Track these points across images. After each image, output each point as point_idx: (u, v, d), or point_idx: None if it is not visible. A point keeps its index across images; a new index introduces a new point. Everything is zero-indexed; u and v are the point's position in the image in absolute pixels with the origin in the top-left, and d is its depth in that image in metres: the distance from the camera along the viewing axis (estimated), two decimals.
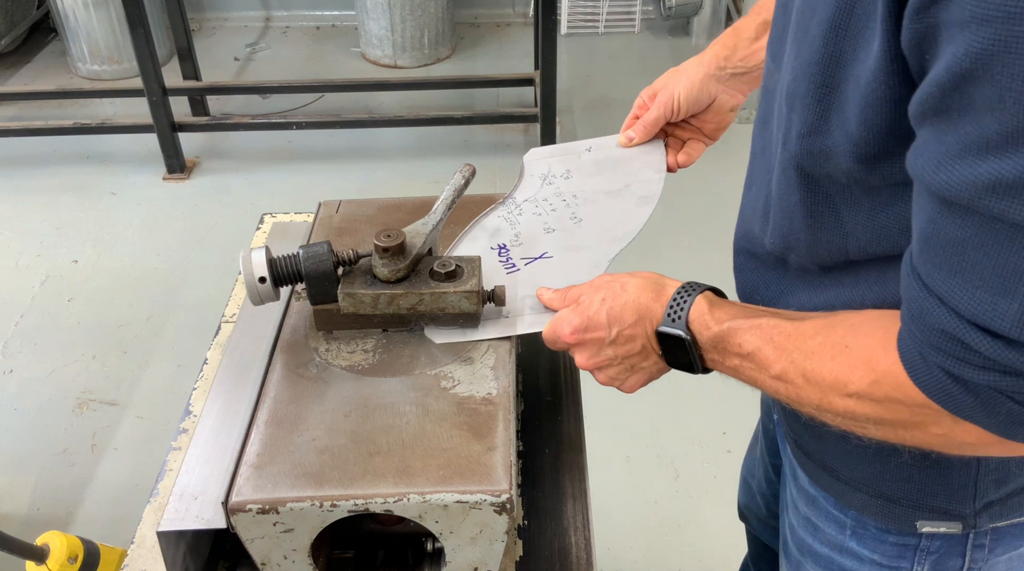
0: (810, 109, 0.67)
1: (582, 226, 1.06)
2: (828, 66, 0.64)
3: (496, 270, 1.02)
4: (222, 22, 4.75)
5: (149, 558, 0.92)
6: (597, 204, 1.08)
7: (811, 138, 0.68)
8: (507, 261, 1.03)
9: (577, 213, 1.07)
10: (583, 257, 1.02)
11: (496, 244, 1.05)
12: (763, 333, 0.75)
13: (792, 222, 0.78)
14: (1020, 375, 0.58)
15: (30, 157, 3.57)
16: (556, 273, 1.00)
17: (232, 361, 1.01)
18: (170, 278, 2.94)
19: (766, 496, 1.25)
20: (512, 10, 4.72)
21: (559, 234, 1.05)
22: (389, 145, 3.66)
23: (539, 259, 1.02)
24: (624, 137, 1.14)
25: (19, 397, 2.50)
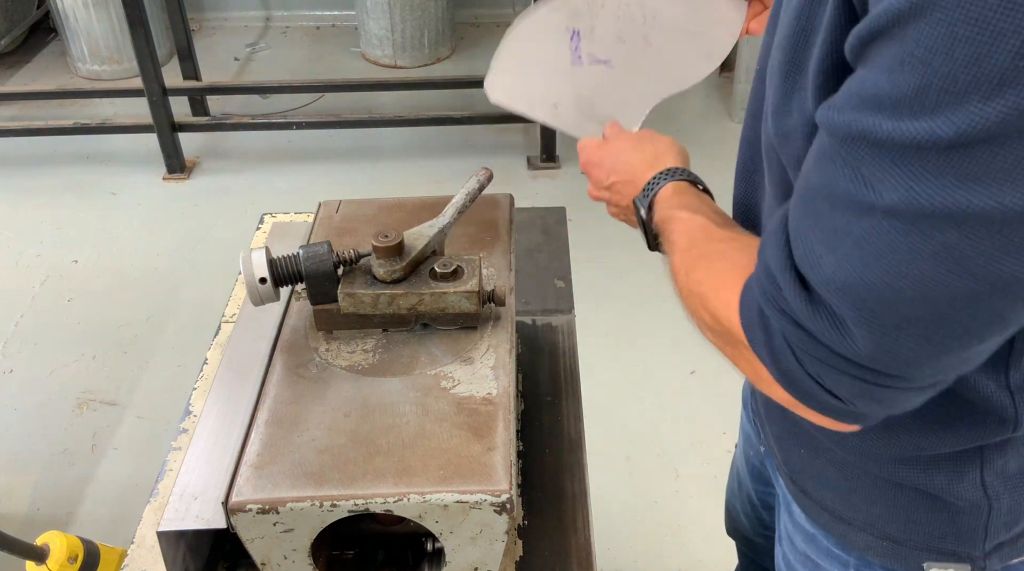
0: (778, 88, 0.65)
1: (649, 53, 1.06)
2: (798, 41, 0.62)
3: (561, 52, 1.04)
4: (222, 22, 4.75)
5: (149, 558, 0.92)
6: (670, 37, 1.06)
7: (778, 117, 0.67)
8: (575, 50, 1.04)
9: (650, 36, 1.06)
10: (639, 84, 1.06)
11: (572, 27, 1.05)
12: (689, 227, 0.80)
13: (755, 194, 0.83)
14: (807, 332, 0.59)
15: (30, 157, 3.57)
16: (608, 87, 1.05)
17: (232, 361, 1.01)
18: (170, 278, 2.94)
19: (750, 517, 1.24)
20: (512, 10, 4.72)
21: (628, 48, 1.05)
22: (389, 145, 3.66)
23: (601, 63, 1.05)
24: None
25: (19, 397, 2.50)
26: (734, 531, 1.33)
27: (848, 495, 0.84)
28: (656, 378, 2.46)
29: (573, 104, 1.05)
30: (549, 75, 1.05)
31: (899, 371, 0.58)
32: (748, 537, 1.28)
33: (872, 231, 0.53)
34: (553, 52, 1.04)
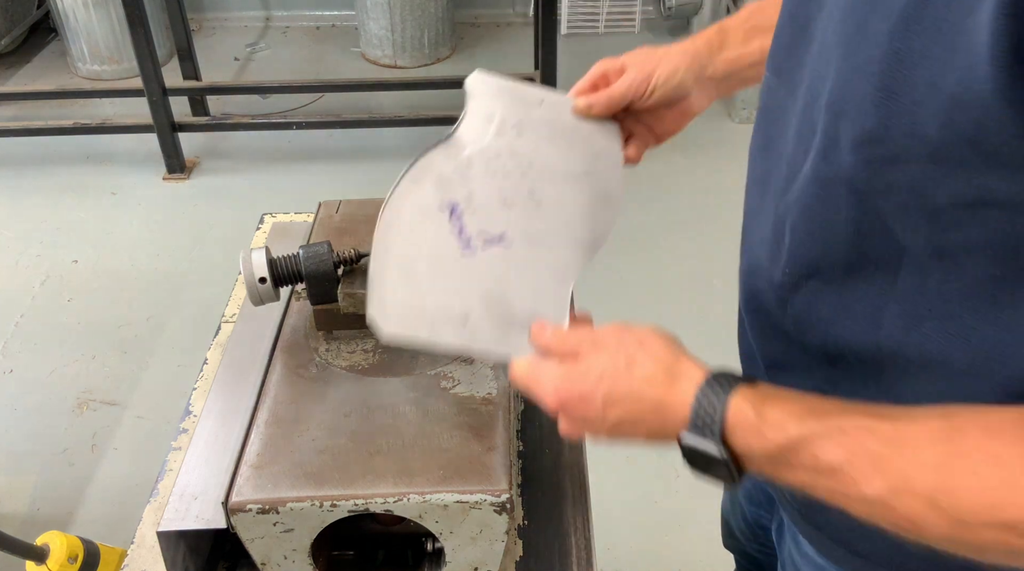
0: (868, 114, 0.58)
1: (542, 211, 0.88)
2: (892, 65, 0.55)
3: (447, 244, 0.84)
4: (222, 22, 4.75)
5: (149, 558, 0.92)
6: (556, 186, 0.90)
7: (871, 145, 0.59)
8: (461, 232, 0.84)
9: (535, 191, 0.89)
10: (548, 257, 0.86)
11: (447, 201, 0.85)
12: (850, 441, 0.58)
13: (828, 242, 0.67)
14: None
15: (30, 157, 3.57)
16: (518, 274, 0.83)
17: (232, 361, 1.01)
18: (170, 278, 2.94)
19: (745, 534, 1.20)
20: (512, 10, 4.72)
21: (518, 213, 0.87)
22: (389, 145, 3.65)
23: (499, 243, 0.84)
24: (583, 102, 0.94)
25: (19, 397, 2.50)
26: (731, 545, 1.31)
27: (865, 528, 0.77)
28: None
29: (484, 308, 0.82)
30: (442, 277, 0.83)
31: None
32: (746, 551, 1.26)
33: None
34: (437, 243, 0.83)
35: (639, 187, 3.30)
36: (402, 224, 0.84)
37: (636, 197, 3.24)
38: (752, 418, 0.62)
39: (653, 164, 3.43)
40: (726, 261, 3.12)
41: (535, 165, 0.91)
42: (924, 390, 0.67)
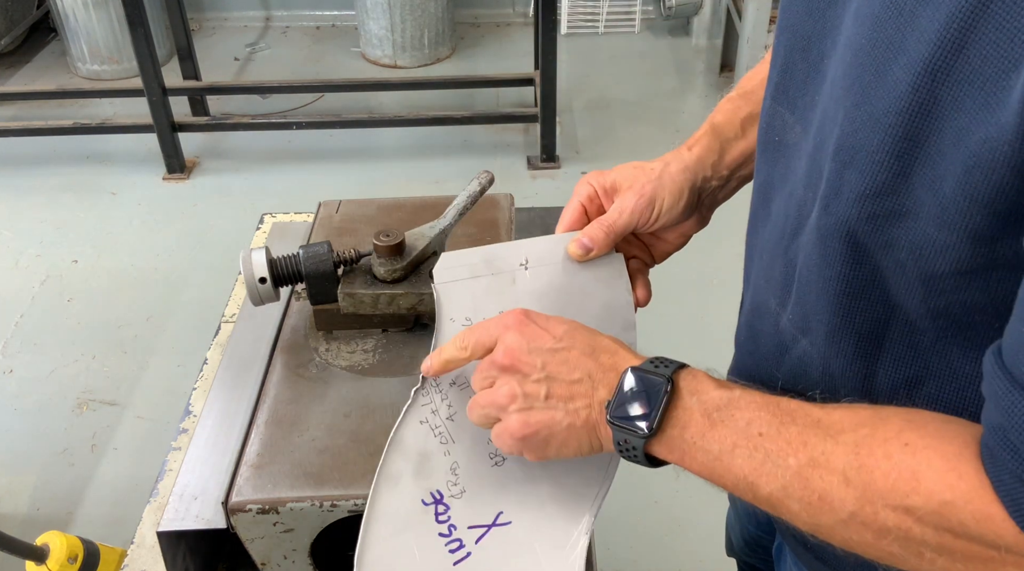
0: (881, 165, 0.55)
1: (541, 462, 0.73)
2: (916, 116, 0.52)
3: (437, 555, 0.71)
4: (222, 22, 4.75)
5: (149, 558, 0.92)
6: None
7: (878, 199, 0.57)
8: (450, 534, 0.71)
9: None
10: (550, 522, 0.73)
11: (429, 493, 0.73)
12: (781, 413, 0.60)
13: (820, 299, 0.65)
14: None
15: (30, 157, 3.57)
16: (517, 558, 0.71)
17: (232, 361, 1.01)
18: (170, 278, 2.94)
19: (744, 551, 1.19)
20: (512, 10, 4.72)
21: (511, 468, 0.73)
22: (389, 145, 3.66)
23: (493, 527, 0.71)
24: (578, 246, 0.82)
25: (19, 397, 2.50)
26: (733, 555, 1.30)
27: (870, 565, 0.73)
28: None
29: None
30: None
31: None
32: (748, 562, 1.25)
33: None
34: (423, 558, 0.72)
35: None
36: (385, 554, 0.72)
37: None
38: (702, 377, 0.65)
39: None
40: (726, 262, 3.11)
41: None
42: None
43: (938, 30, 0.50)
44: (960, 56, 0.50)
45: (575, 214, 0.85)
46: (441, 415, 0.76)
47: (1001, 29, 0.48)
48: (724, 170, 0.87)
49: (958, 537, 0.53)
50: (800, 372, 0.72)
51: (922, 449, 0.54)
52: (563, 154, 3.46)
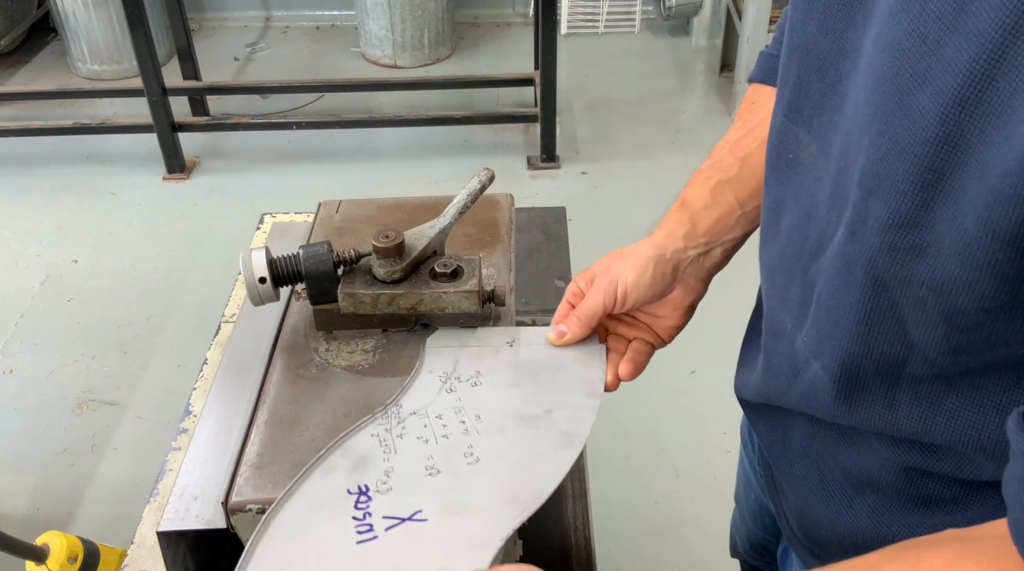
0: (906, 196, 0.54)
1: (477, 470, 0.79)
2: (943, 147, 0.51)
3: (342, 535, 0.74)
4: (222, 22, 4.75)
5: (149, 558, 0.92)
6: (504, 435, 0.82)
7: (902, 231, 0.56)
8: (363, 519, 0.75)
9: (475, 447, 0.81)
10: (468, 527, 0.74)
11: (356, 485, 0.78)
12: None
13: (837, 326, 0.65)
14: None
15: (30, 157, 3.57)
16: (425, 551, 0.73)
17: (232, 361, 1.01)
18: (170, 278, 2.94)
19: (749, 553, 1.19)
20: (512, 10, 4.72)
21: (444, 480, 0.78)
22: (389, 145, 3.66)
23: (407, 522, 0.75)
24: (554, 332, 0.91)
25: (19, 397, 2.50)
26: (737, 556, 1.30)
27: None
28: (656, 378, 2.46)
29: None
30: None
31: None
32: (752, 563, 1.24)
33: None
34: (328, 538, 0.74)
35: (639, 187, 3.30)
36: (290, 527, 0.75)
37: (636, 197, 3.24)
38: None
39: (653, 164, 3.44)
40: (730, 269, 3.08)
41: (483, 416, 0.84)
42: (956, 471, 0.64)
43: (967, 61, 0.49)
44: (990, 87, 0.49)
45: (562, 310, 0.92)
46: (393, 433, 0.82)
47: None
48: (700, 238, 0.89)
49: None
50: (811, 395, 0.71)
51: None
52: (563, 154, 3.46)
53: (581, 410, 0.86)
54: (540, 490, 0.77)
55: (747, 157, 0.88)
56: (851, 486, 0.75)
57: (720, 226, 0.89)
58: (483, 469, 0.79)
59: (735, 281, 0.88)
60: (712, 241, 0.89)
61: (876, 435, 0.69)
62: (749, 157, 0.88)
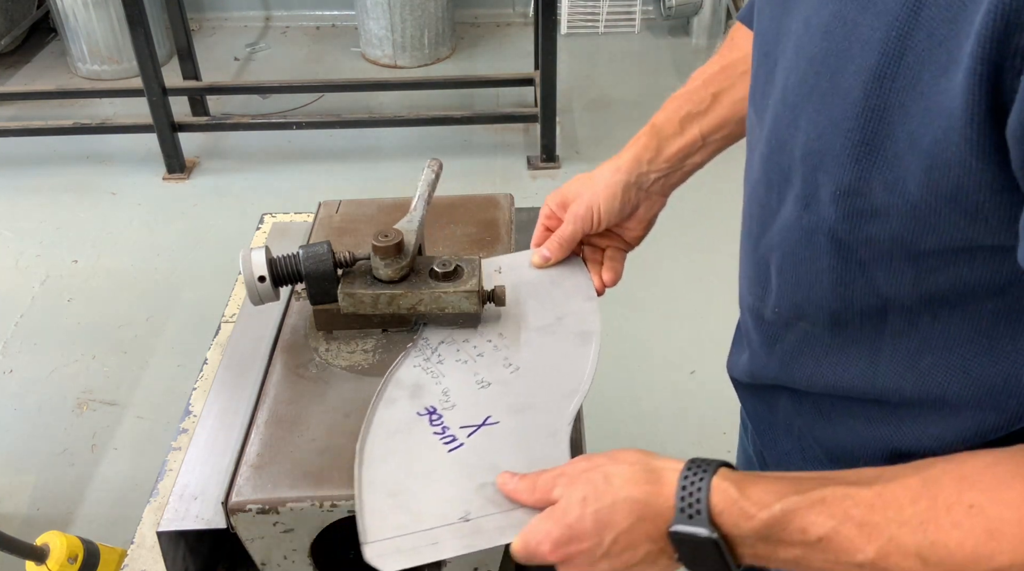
0: (846, 168, 0.58)
1: (521, 376, 0.88)
2: (870, 121, 0.55)
3: (433, 447, 0.81)
4: (222, 22, 4.75)
5: (149, 558, 0.92)
6: (531, 345, 0.92)
7: (850, 199, 0.59)
8: (444, 432, 0.82)
9: (511, 358, 0.90)
10: (536, 421, 0.83)
11: (423, 408, 0.86)
12: (833, 508, 0.59)
13: (814, 289, 0.68)
14: None
15: (30, 157, 3.57)
16: (511, 447, 0.81)
17: (232, 361, 1.01)
18: (170, 278, 2.94)
19: None
20: (512, 10, 4.72)
21: (497, 389, 0.87)
22: (389, 145, 3.66)
23: (484, 427, 0.83)
24: (538, 256, 1.00)
25: (19, 397, 2.50)
26: None
27: None
28: (656, 378, 2.46)
29: (483, 499, 0.76)
30: (436, 485, 0.78)
31: None
32: None
33: None
34: (422, 452, 0.80)
35: None
36: (382, 451, 0.81)
37: None
38: (736, 497, 0.62)
39: None
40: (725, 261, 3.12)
41: (506, 334, 0.93)
42: (928, 426, 0.66)
43: (880, 39, 0.53)
44: (901, 62, 0.52)
45: (538, 233, 1.02)
46: (432, 361, 0.91)
47: (932, 36, 0.50)
48: (663, 164, 0.96)
49: None
50: (792, 360, 0.75)
51: (987, 506, 0.54)
52: (563, 154, 3.46)
53: (585, 312, 0.96)
54: (582, 379, 0.88)
55: (719, 94, 0.94)
56: (829, 461, 0.77)
57: (683, 154, 0.95)
58: (525, 374, 0.88)
59: (735, 281, 0.89)
60: (674, 167, 0.96)
61: (850, 411, 0.72)
62: (720, 94, 0.94)
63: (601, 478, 0.69)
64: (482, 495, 0.76)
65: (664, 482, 0.67)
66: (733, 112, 0.93)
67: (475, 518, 0.74)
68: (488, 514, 0.74)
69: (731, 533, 0.63)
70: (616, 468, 0.69)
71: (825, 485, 0.60)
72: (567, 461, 0.76)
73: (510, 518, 0.74)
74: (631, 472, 0.68)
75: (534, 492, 0.72)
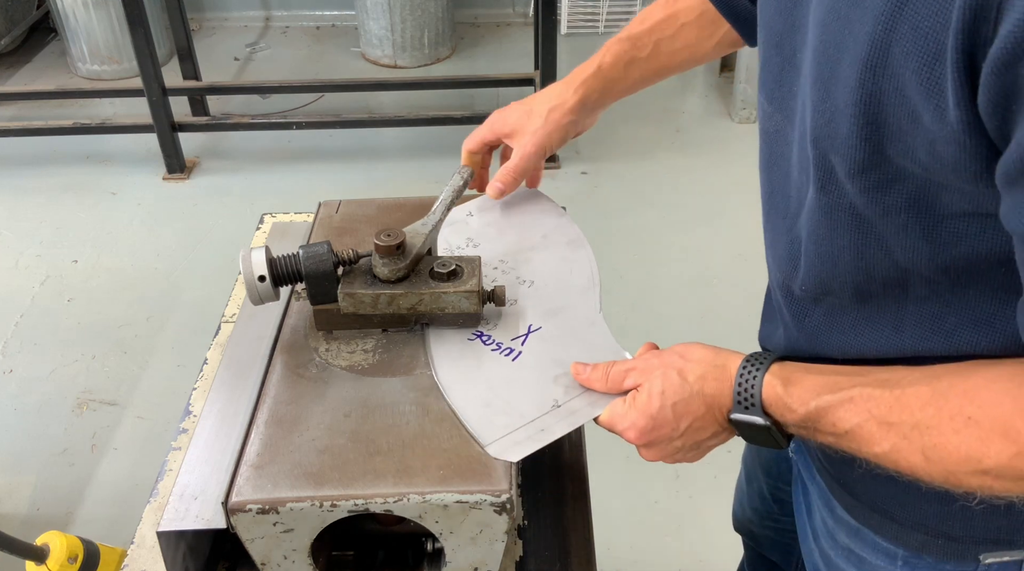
0: (856, 148, 0.63)
1: (539, 288, 0.99)
2: (870, 105, 0.60)
3: (497, 361, 0.91)
4: (222, 22, 4.75)
5: (149, 558, 0.92)
6: (533, 262, 1.02)
7: (864, 175, 0.64)
8: (499, 348, 0.92)
9: (522, 276, 1.01)
10: (572, 317, 0.95)
11: (471, 333, 0.95)
12: (858, 408, 0.70)
13: (837, 265, 0.73)
14: None
15: (30, 157, 3.57)
16: (563, 342, 0.92)
17: (232, 361, 1.01)
18: (170, 278, 2.94)
19: (759, 512, 1.23)
20: (512, 10, 4.72)
21: (524, 303, 0.97)
22: (389, 145, 3.66)
23: (531, 334, 0.93)
24: (492, 189, 1.08)
25: (19, 397, 2.50)
26: (741, 526, 1.33)
27: (901, 495, 0.82)
28: None
29: (563, 388, 0.88)
30: (520, 389, 0.88)
31: None
32: (755, 531, 1.29)
33: None
34: (490, 368, 0.90)
35: (639, 187, 3.30)
36: (456, 376, 0.90)
37: (637, 197, 3.24)
38: (781, 393, 0.74)
39: (653, 164, 3.44)
40: (726, 261, 3.12)
41: (506, 258, 1.04)
42: None
43: (868, 32, 0.58)
44: (889, 53, 0.57)
45: (474, 143, 1.11)
46: None
47: (916, 29, 0.55)
48: (607, 102, 1.09)
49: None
50: (822, 332, 0.80)
51: (983, 419, 0.62)
52: (563, 154, 3.46)
53: (563, 225, 1.06)
54: (590, 274, 1.00)
55: (660, 42, 1.06)
56: None
57: (622, 93, 1.09)
58: (540, 285, 0.99)
59: (737, 280, 0.89)
60: (612, 100, 1.10)
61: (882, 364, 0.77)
62: (661, 42, 1.06)
63: (676, 374, 0.80)
64: (561, 384, 0.88)
65: (727, 374, 0.78)
66: (670, 60, 1.07)
67: (564, 403, 0.86)
68: (572, 397, 0.87)
69: (780, 421, 0.76)
70: (689, 366, 0.80)
71: (854, 386, 0.71)
72: (612, 342, 0.92)
73: (591, 397, 0.86)
74: (703, 370, 0.80)
75: (607, 381, 0.85)
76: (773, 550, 1.28)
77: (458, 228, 1.09)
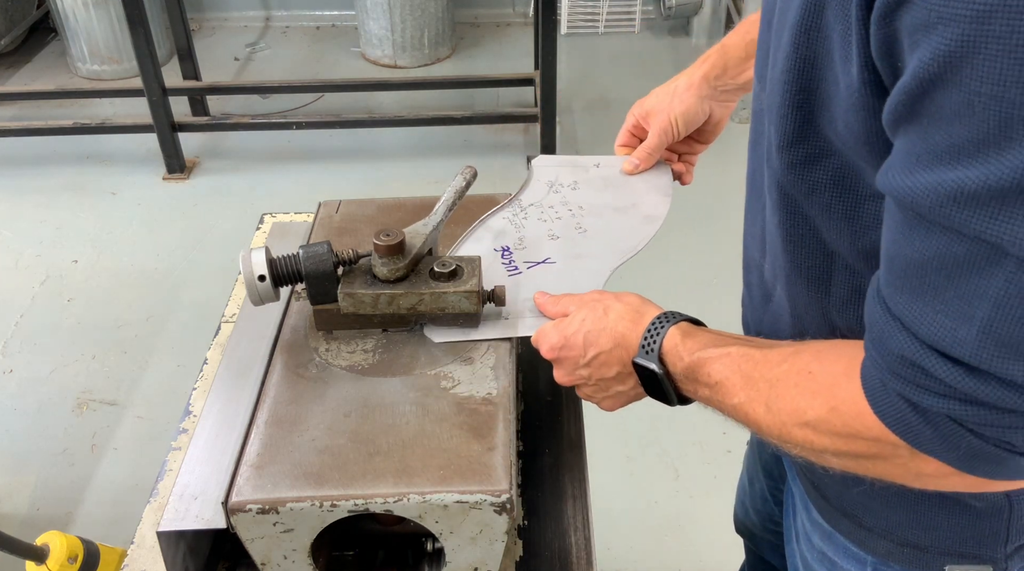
0: (786, 118, 0.64)
1: (587, 236, 1.08)
2: (803, 70, 0.62)
3: (498, 271, 1.03)
4: (222, 22, 4.75)
5: (149, 558, 0.92)
6: (603, 217, 1.10)
7: (791, 149, 0.66)
8: (510, 263, 1.04)
9: (582, 224, 1.09)
10: (586, 265, 1.04)
11: (499, 246, 1.07)
12: (731, 362, 0.73)
13: (774, 247, 0.76)
14: (980, 404, 0.55)
15: (30, 157, 3.57)
16: (558, 278, 1.02)
17: (232, 361, 1.01)
18: (170, 278, 2.94)
19: (761, 514, 1.24)
20: (512, 10, 4.72)
21: (563, 242, 1.07)
22: (389, 145, 3.66)
23: (542, 264, 1.04)
24: (629, 164, 1.15)
25: (19, 397, 2.50)
26: (743, 528, 1.33)
27: (868, 501, 0.83)
28: None
29: (522, 306, 0.99)
30: None
31: None
32: (756, 533, 1.29)
33: (1009, 283, 0.51)
34: (486, 278, 1.00)
35: None
36: None
37: None
38: (677, 343, 0.79)
39: None
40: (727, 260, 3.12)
41: (585, 207, 1.12)
42: None
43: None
44: (822, 17, 0.58)
45: (624, 135, 1.17)
46: (519, 217, 1.11)
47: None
48: (729, 81, 1.08)
49: (845, 437, 0.64)
50: (777, 317, 0.83)
51: (819, 373, 0.66)
52: (563, 154, 3.46)
53: (657, 203, 1.12)
54: (634, 246, 1.06)
55: None
56: None
57: (746, 75, 1.07)
58: (591, 236, 1.08)
59: (737, 280, 0.90)
60: (740, 84, 1.08)
61: None
62: None
63: (601, 309, 0.86)
64: (523, 305, 0.98)
65: (642, 322, 0.82)
66: None
67: (513, 317, 0.97)
68: (523, 317, 0.97)
69: (671, 370, 0.79)
70: (615, 305, 0.86)
71: (737, 344, 0.75)
72: None
73: (537, 322, 0.95)
74: (624, 310, 0.85)
75: (556, 306, 0.92)
76: (773, 554, 1.27)
77: (578, 173, 1.17)
